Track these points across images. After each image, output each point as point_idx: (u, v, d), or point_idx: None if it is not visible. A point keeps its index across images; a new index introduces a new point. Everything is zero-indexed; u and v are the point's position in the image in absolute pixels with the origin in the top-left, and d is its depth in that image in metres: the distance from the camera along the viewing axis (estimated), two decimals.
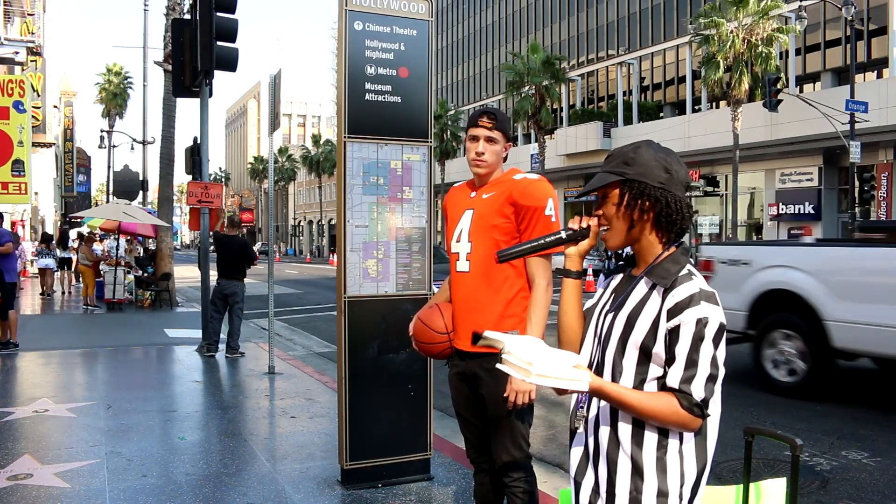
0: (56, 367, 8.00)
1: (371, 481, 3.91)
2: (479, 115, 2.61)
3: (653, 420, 1.52)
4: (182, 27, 9.45)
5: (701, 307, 1.49)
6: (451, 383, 2.74)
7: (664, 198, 1.58)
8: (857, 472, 4.39)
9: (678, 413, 1.49)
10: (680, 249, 1.62)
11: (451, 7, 54.53)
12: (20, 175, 9.67)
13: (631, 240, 1.64)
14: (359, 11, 3.78)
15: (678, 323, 1.50)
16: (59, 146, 37.14)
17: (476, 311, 2.56)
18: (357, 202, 3.84)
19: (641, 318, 1.56)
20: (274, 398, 6.41)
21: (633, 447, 1.55)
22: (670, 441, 1.55)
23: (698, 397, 1.49)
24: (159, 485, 4.01)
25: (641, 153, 1.61)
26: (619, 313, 1.61)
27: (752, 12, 24.07)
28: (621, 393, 1.51)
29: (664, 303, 1.53)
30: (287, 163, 71.58)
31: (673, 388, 1.50)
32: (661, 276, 1.56)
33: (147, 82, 23.27)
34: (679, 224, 1.60)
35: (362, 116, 3.83)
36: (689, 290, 1.51)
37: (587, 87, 39.88)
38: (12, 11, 19.81)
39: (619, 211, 1.61)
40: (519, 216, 2.51)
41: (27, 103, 9.91)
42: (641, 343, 1.55)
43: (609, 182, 1.61)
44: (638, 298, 1.59)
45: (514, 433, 2.55)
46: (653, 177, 1.58)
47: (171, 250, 16.05)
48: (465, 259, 2.61)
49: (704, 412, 1.50)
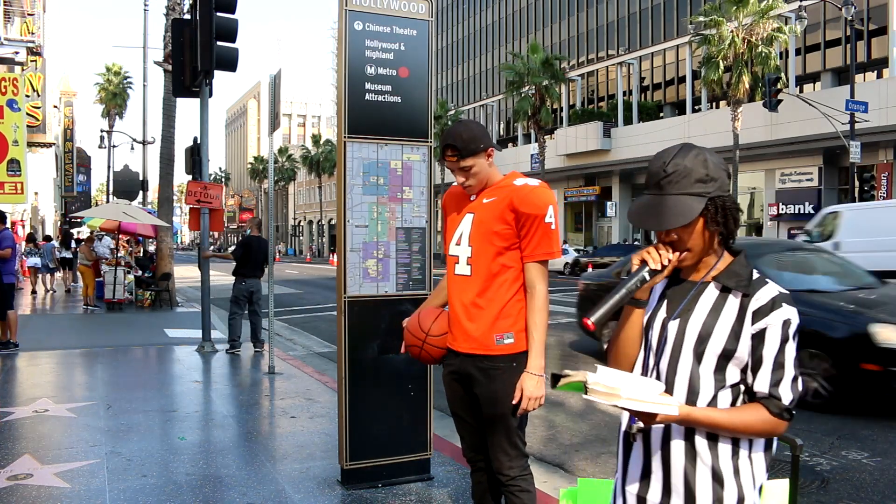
0: (56, 367, 8.00)
1: (371, 481, 3.91)
2: (444, 150, 2.58)
3: (746, 435, 1.50)
4: (182, 27, 9.45)
5: (784, 309, 1.49)
6: (445, 382, 2.75)
7: (731, 204, 1.55)
8: (857, 473, 4.38)
9: (769, 421, 1.48)
10: (742, 255, 1.60)
11: (451, 7, 54.54)
12: (16, 174, 9.65)
13: (705, 254, 1.59)
14: (359, 11, 3.78)
15: (765, 326, 1.48)
16: (59, 146, 37.13)
17: (475, 313, 2.57)
18: (357, 202, 3.84)
19: (720, 324, 1.51)
20: (274, 398, 6.41)
21: (712, 457, 1.53)
22: (741, 448, 1.54)
23: (787, 400, 1.48)
24: (159, 485, 4.01)
25: (710, 164, 1.53)
26: (686, 319, 1.56)
27: (752, 12, 24.07)
28: (713, 417, 1.48)
29: (747, 306, 1.50)
30: (287, 163, 71.58)
31: (762, 394, 1.49)
32: (737, 281, 1.53)
33: (147, 82, 23.27)
34: (737, 226, 1.58)
35: (362, 116, 3.83)
36: (770, 292, 1.50)
37: (587, 87, 39.89)
38: (12, 11, 19.81)
39: (705, 232, 1.55)
40: (519, 223, 2.51)
41: (21, 102, 9.89)
42: (722, 349, 1.51)
43: (701, 211, 1.51)
44: (710, 304, 1.54)
45: (509, 432, 2.56)
46: (726, 187, 1.55)
47: (171, 250, 16.05)
48: (465, 263, 2.61)
49: (792, 415, 1.49)
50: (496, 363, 2.52)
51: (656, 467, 1.59)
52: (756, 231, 29.38)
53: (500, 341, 2.53)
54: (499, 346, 2.52)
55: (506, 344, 2.52)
